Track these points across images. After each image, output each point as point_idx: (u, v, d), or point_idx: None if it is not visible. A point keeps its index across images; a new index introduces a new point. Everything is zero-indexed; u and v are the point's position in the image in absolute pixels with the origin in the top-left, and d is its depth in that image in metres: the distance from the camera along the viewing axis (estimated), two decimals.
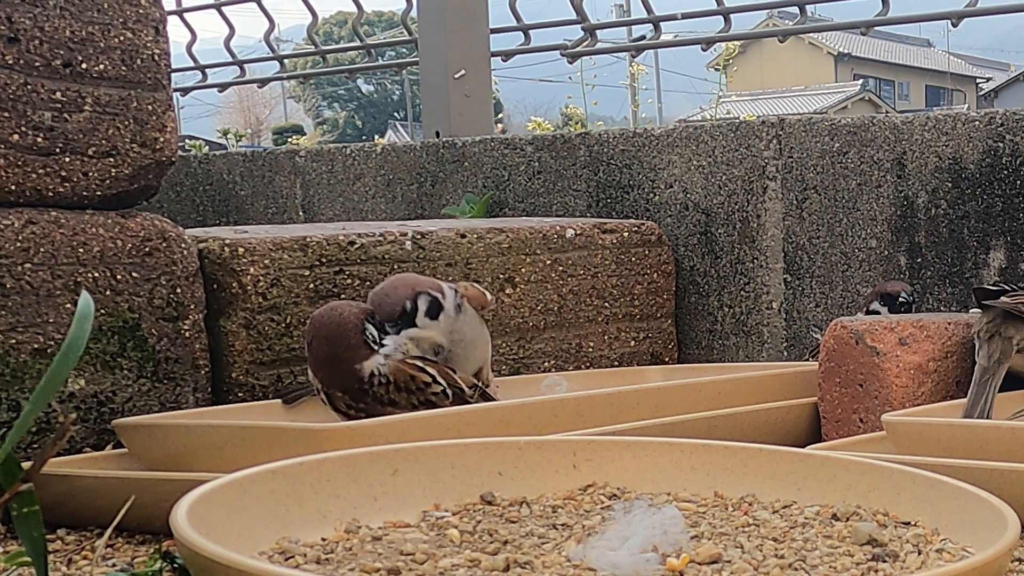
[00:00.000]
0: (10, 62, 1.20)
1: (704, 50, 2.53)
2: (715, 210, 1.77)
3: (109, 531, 0.87)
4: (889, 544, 0.81)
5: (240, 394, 1.35)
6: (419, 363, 1.24)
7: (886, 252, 1.64)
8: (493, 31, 2.40)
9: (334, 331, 1.22)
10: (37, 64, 1.21)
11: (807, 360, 1.60)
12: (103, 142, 1.26)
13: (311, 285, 1.40)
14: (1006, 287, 1.33)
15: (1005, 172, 1.54)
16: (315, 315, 1.25)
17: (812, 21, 2.42)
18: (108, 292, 1.24)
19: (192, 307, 1.31)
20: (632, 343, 1.72)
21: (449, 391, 1.24)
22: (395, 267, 1.46)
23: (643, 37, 2.67)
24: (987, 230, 1.56)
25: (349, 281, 1.43)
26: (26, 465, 0.68)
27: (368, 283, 1.42)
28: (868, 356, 1.30)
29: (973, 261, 1.57)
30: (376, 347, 1.22)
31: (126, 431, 1.20)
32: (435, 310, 1.31)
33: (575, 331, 1.66)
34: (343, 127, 30.92)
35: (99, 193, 1.26)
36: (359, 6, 2.74)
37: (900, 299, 1.50)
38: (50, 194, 1.23)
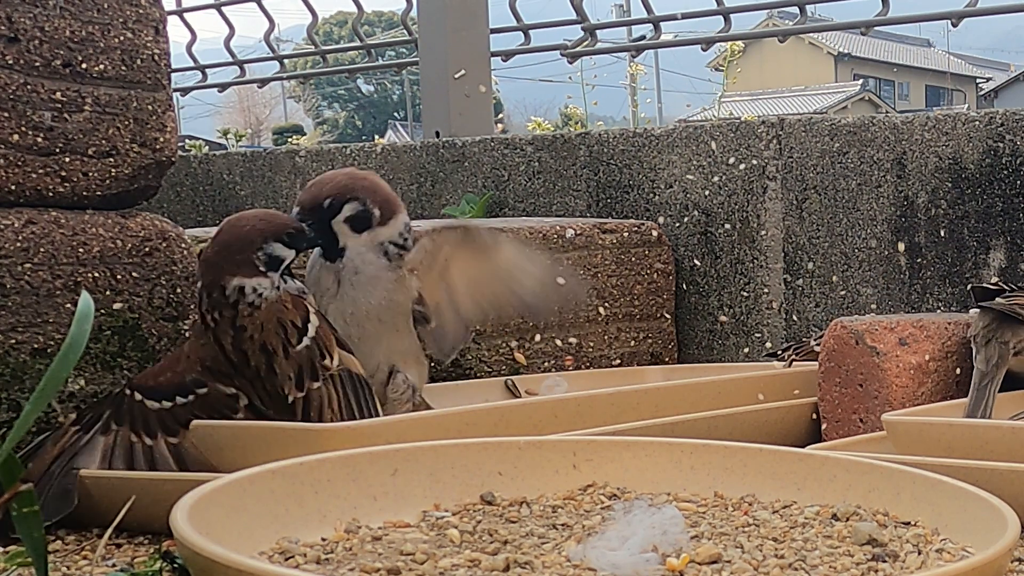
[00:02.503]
0: (10, 62, 1.20)
1: (704, 50, 2.53)
2: (715, 210, 1.77)
3: (110, 531, 0.87)
4: (889, 544, 0.81)
5: None
6: (308, 306, 1.11)
7: (886, 252, 1.64)
8: (493, 31, 2.40)
9: (227, 237, 1.13)
10: (37, 64, 1.21)
11: (781, 356, 1.59)
12: (103, 142, 1.26)
13: None
14: (1004, 287, 1.33)
15: (1005, 172, 1.54)
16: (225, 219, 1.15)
17: (812, 21, 2.42)
18: (108, 292, 1.24)
19: (192, 307, 1.31)
20: (632, 343, 1.72)
21: (319, 363, 1.08)
22: None
23: (643, 37, 2.67)
24: (987, 230, 1.56)
25: None
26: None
27: None
28: (868, 356, 1.30)
29: (973, 261, 1.57)
30: (263, 269, 1.11)
31: None
32: (362, 222, 1.17)
33: (575, 331, 1.66)
34: (343, 127, 30.92)
35: (99, 193, 1.26)
36: (359, 6, 2.74)
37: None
38: (50, 194, 1.23)
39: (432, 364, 1.48)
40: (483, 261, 1.22)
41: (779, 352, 1.63)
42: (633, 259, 1.72)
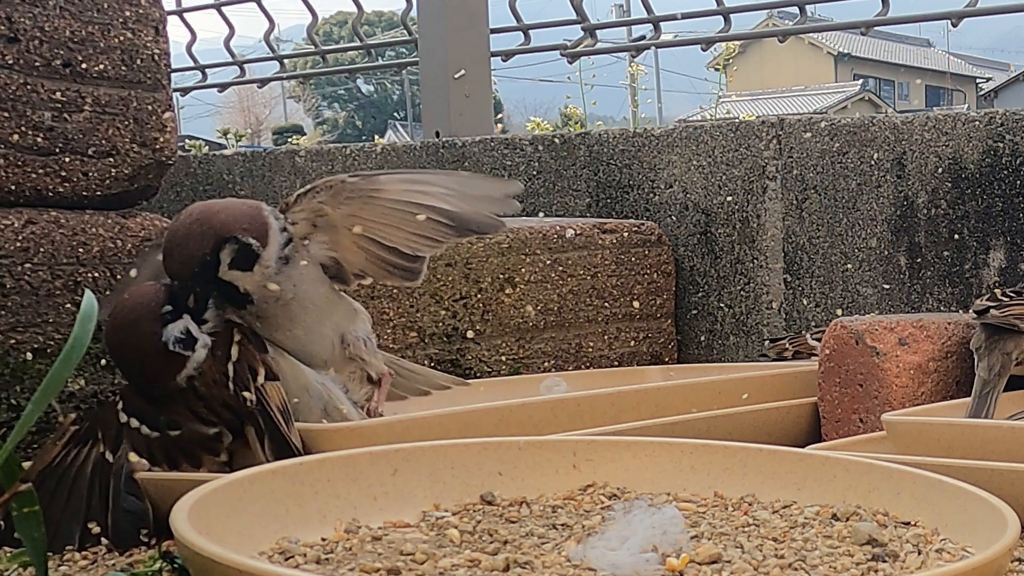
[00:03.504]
0: (10, 62, 1.20)
1: (704, 50, 2.53)
2: (715, 210, 1.77)
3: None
4: (889, 544, 0.81)
5: None
6: (231, 336, 1.04)
7: (886, 252, 1.64)
8: (493, 31, 2.40)
9: (131, 342, 1.03)
10: (37, 64, 1.21)
11: (767, 351, 1.60)
12: (103, 142, 1.26)
13: None
14: (1001, 298, 1.32)
15: (1005, 172, 1.54)
16: (107, 324, 1.03)
17: (812, 21, 2.42)
18: (108, 292, 1.24)
19: None
20: (632, 343, 1.72)
21: (242, 405, 1.01)
22: None
23: (643, 37, 2.67)
24: (987, 230, 1.56)
25: None
26: (26, 465, 0.68)
27: (375, 284, 1.39)
28: (868, 356, 1.30)
29: (973, 261, 1.57)
30: (188, 353, 1.02)
31: None
32: (246, 259, 1.05)
33: (575, 331, 1.66)
34: (343, 127, 30.92)
35: (99, 193, 1.26)
36: (359, 6, 2.74)
37: None
38: (50, 194, 1.23)
39: (432, 364, 1.48)
40: (373, 206, 1.12)
41: (766, 351, 1.63)
42: (633, 259, 1.72)
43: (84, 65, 1.24)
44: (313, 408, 1.09)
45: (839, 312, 1.66)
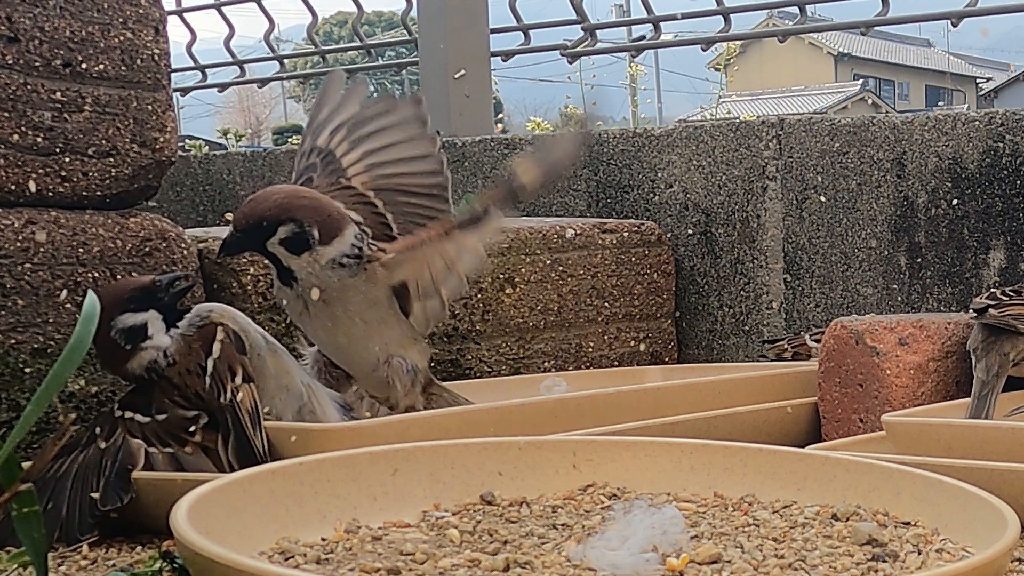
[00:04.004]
0: (10, 62, 1.20)
1: (704, 50, 2.53)
2: (715, 210, 1.77)
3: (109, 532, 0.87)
4: (889, 544, 0.81)
5: None
6: (214, 332, 1.09)
7: (886, 252, 1.64)
8: (493, 31, 2.40)
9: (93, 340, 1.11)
10: (37, 64, 1.21)
11: (765, 352, 1.60)
12: (103, 142, 1.26)
13: None
14: (1000, 296, 1.32)
15: (1005, 172, 1.54)
16: None
17: (812, 21, 2.42)
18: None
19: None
20: (632, 343, 1.72)
21: (216, 401, 1.06)
22: None
23: (643, 37, 2.67)
24: (987, 230, 1.56)
25: None
26: (26, 465, 0.68)
27: None
28: (868, 356, 1.30)
29: (973, 261, 1.57)
30: (128, 346, 1.08)
31: None
32: (299, 244, 1.12)
33: (575, 331, 1.66)
34: None
35: (99, 193, 1.26)
36: (359, 6, 2.74)
37: None
38: (50, 194, 1.23)
39: (432, 364, 1.48)
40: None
41: (764, 352, 1.63)
42: (633, 259, 1.72)
43: (84, 65, 1.24)
44: (288, 407, 1.12)
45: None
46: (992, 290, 1.36)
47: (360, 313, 1.15)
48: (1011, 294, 1.32)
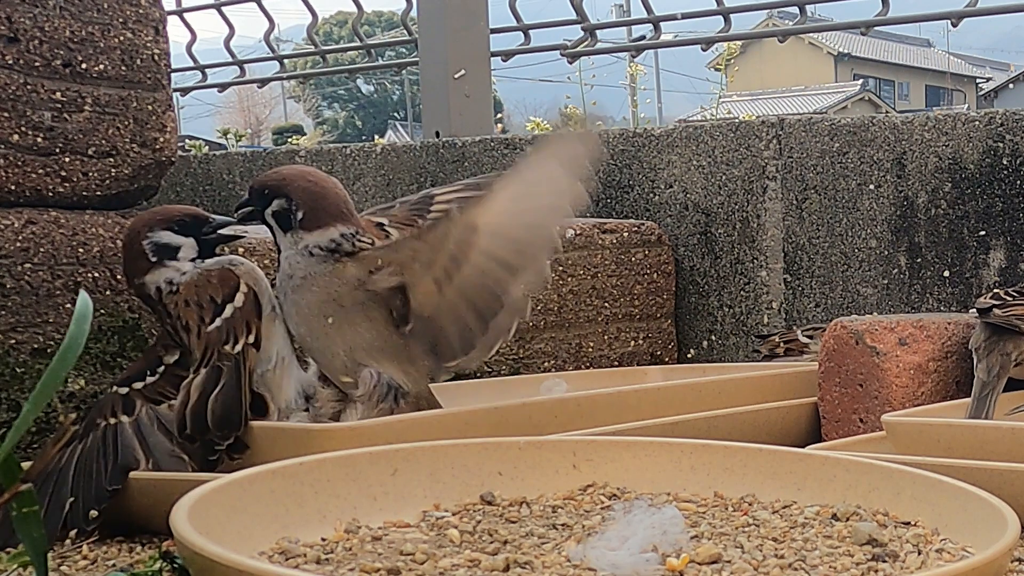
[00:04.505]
0: (10, 62, 1.20)
1: (704, 50, 2.53)
2: (715, 210, 1.77)
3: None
4: (889, 544, 0.81)
5: None
6: (240, 279, 1.12)
7: (886, 252, 1.64)
8: (493, 31, 2.40)
9: (123, 236, 1.15)
10: (37, 64, 1.21)
11: (758, 347, 1.60)
12: (103, 142, 1.26)
13: None
14: (1005, 296, 1.32)
15: (1005, 172, 1.54)
16: None
17: (812, 21, 2.42)
18: (108, 292, 1.24)
19: None
20: (632, 343, 1.72)
21: (221, 347, 1.09)
22: None
23: (643, 37, 2.67)
24: (987, 230, 1.56)
25: None
26: (26, 465, 0.68)
27: None
28: (868, 356, 1.30)
29: (973, 261, 1.57)
30: (153, 259, 1.12)
31: None
32: (285, 220, 1.14)
33: (575, 331, 1.66)
34: (343, 127, 30.92)
35: (99, 193, 1.26)
36: (359, 6, 2.74)
37: None
38: (50, 194, 1.23)
39: None
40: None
41: (756, 347, 1.63)
42: (633, 259, 1.72)
43: (84, 65, 1.24)
44: (264, 380, 1.12)
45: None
46: (995, 290, 1.36)
47: (323, 307, 1.11)
48: (1015, 294, 1.32)
